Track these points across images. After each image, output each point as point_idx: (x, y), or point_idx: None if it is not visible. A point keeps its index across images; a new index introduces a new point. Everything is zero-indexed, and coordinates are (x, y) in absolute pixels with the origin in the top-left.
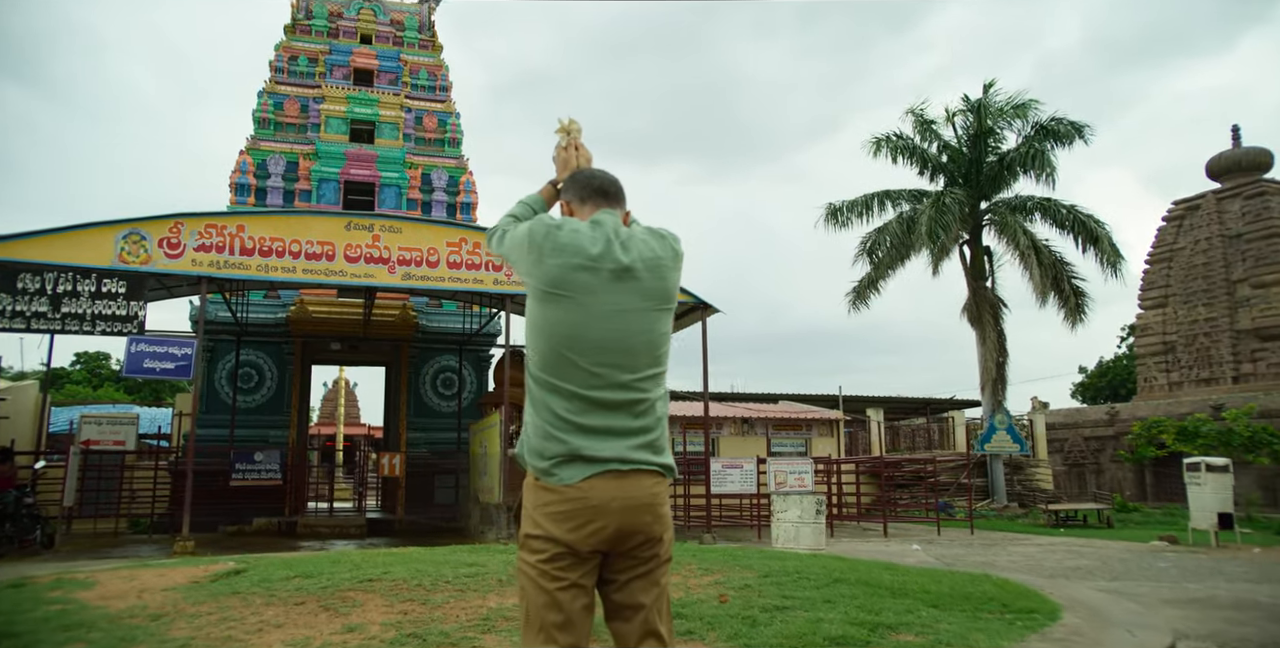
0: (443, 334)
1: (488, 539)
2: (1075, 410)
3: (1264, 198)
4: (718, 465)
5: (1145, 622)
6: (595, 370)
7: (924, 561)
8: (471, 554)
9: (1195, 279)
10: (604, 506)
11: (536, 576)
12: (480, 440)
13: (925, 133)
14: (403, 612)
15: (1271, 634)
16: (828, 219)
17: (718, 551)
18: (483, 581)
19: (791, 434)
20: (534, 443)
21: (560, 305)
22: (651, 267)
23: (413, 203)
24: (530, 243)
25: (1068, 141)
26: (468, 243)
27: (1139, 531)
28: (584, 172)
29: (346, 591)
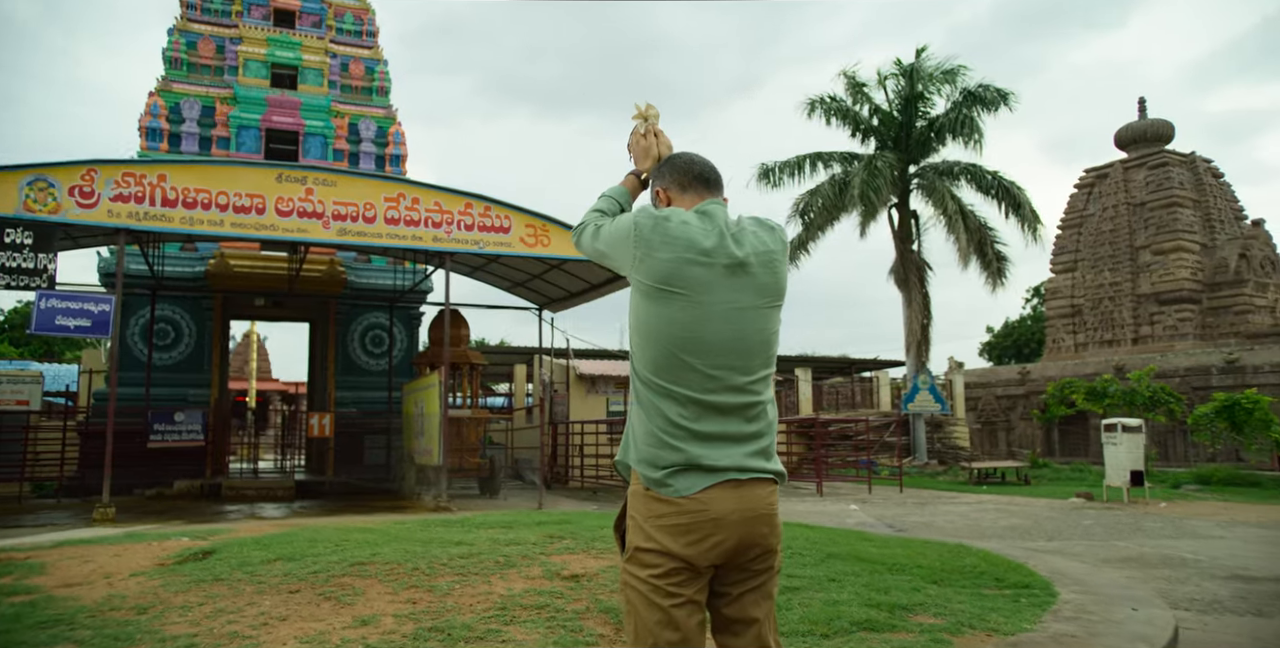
0: (372, 291)
1: (424, 501)
2: (989, 370)
3: (1166, 168)
4: None
5: (1134, 594)
6: (712, 373)
7: (864, 521)
8: (452, 530)
9: (1103, 245)
10: (724, 518)
11: (649, 592)
12: (415, 400)
13: (857, 95)
14: (411, 601)
15: (1212, 593)
16: (760, 179)
17: None
18: (480, 563)
19: None
20: (645, 451)
21: (673, 304)
22: (764, 261)
23: (339, 154)
24: (637, 236)
25: (994, 108)
26: (406, 198)
27: (1054, 487)
28: (682, 157)
29: (340, 576)
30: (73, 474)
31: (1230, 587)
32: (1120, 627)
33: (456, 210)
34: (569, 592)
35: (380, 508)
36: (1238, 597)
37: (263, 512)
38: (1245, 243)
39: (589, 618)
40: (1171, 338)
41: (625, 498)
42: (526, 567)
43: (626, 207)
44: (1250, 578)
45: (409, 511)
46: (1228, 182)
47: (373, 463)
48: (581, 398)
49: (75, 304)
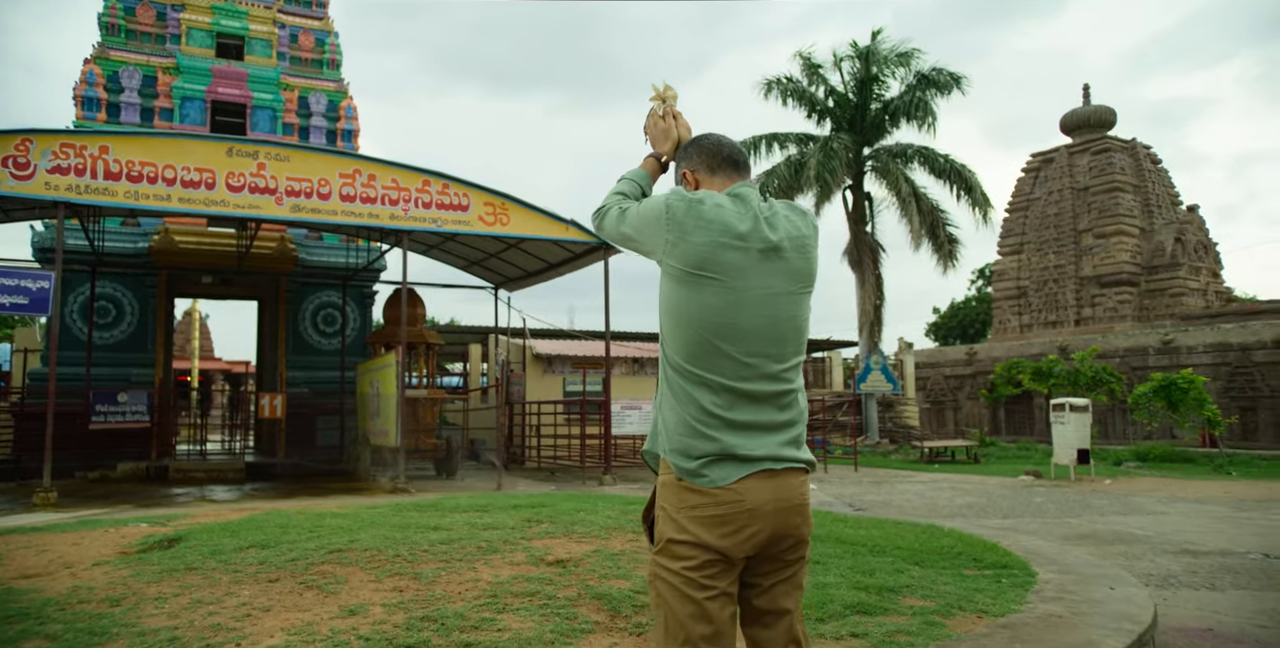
0: (325, 268)
1: (380, 483)
2: (937, 351)
3: (1108, 154)
4: (617, 407)
5: (1107, 573)
6: (747, 361)
7: (825, 500)
8: (426, 514)
9: (1048, 228)
10: (759, 508)
11: (681, 584)
12: (370, 381)
13: (813, 77)
14: (397, 589)
15: (1166, 567)
16: None
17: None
18: (462, 549)
19: None
20: (678, 441)
21: (707, 289)
22: (798, 246)
23: (289, 128)
24: (669, 219)
25: (947, 91)
26: (362, 174)
27: (1003, 465)
28: (710, 138)
29: (319, 564)
30: (7, 457)
31: (1181, 562)
32: (1103, 607)
33: (414, 187)
34: (558, 578)
35: (336, 490)
36: (1189, 571)
37: (214, 495)
38: (1181, 228)
39: (581, 605)
40: (1111, 319)
41: (654, 488)
42: (509, 552)
43: (648, 190)
44: (1197, 553)
45: (366, 493)
46: (1165, 168)
47: (325, 444)
48: (538, 378)
49: (11, 280)
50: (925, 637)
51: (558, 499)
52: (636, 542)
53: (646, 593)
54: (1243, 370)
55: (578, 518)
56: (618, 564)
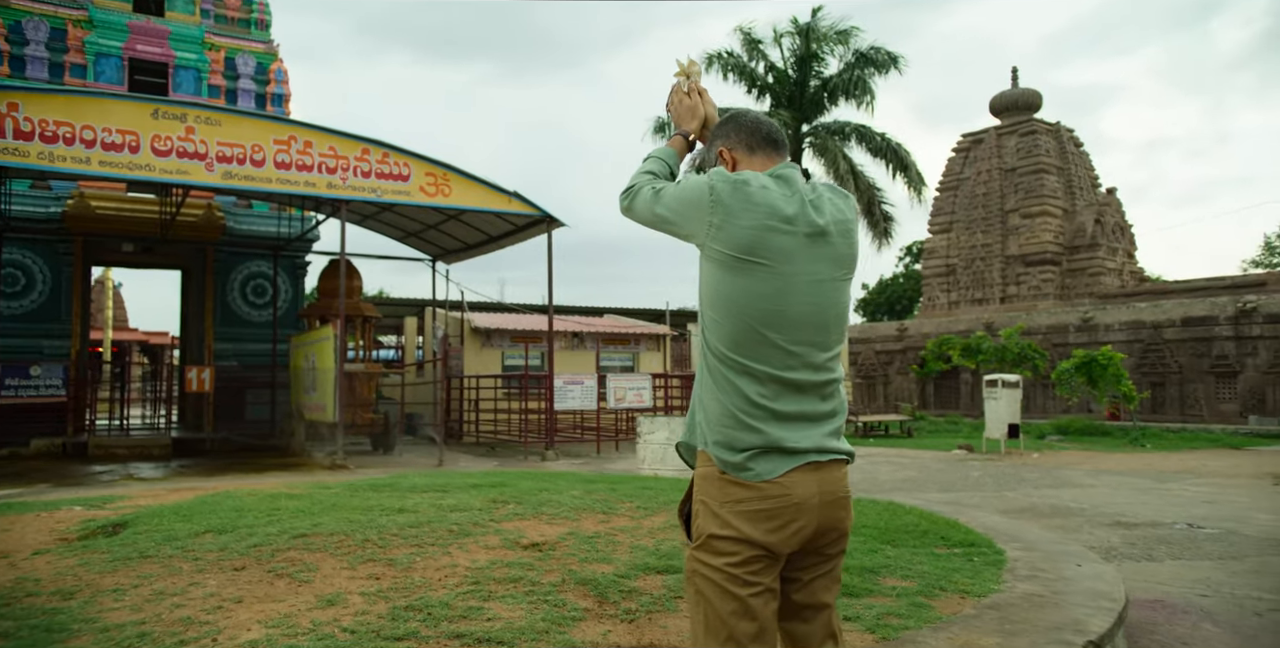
0: (254, 238)
1: (316, 459)
2: (868, 327)
3: (1034, 136)
4: (559, 381)
5: (1069, 549)
6: (793, 350)
7: None
8: (385, 495)
9: (976, 208)
10: (805, 502)
11: (724, 581)
12: (305, 354)
13: (753, 52)
14: (373, 577)
15: (1105, 539)
16: (655, 131)
17: (621, 481)
18: (432, 532)
19: (620, 348)
20: (722, 433)
21: (754, 275)
22: (843, 230)
23: (215, 90)
24: (714, 201)
25: (884, 70)
26: (298, 141)
27: (936, 439)
28: (748, 115)
29: (285, 550)
30: None
31: (1117, 534)
32: (1077, 585)
33: (352, 156)
34: (538, 563)
35: (271, 467)
36: (1127, 543)
37: (140, 472)
38: (1100, 209)
39: (567, 591)
40: (1035, 297)
41: (691, 481)
42: (482, 535)
43: (676, 169)
44: (1130, 524)
45: (302, 469)
46: (1086, 151)
47: (255, 418)
48: (476, 352)
49: None
50: (916, 619)
51: (516, 478)
52: (608, 523)
53: (630, 577)
54: (1154, 348)
55: (544, 499)
56: (595, 547)
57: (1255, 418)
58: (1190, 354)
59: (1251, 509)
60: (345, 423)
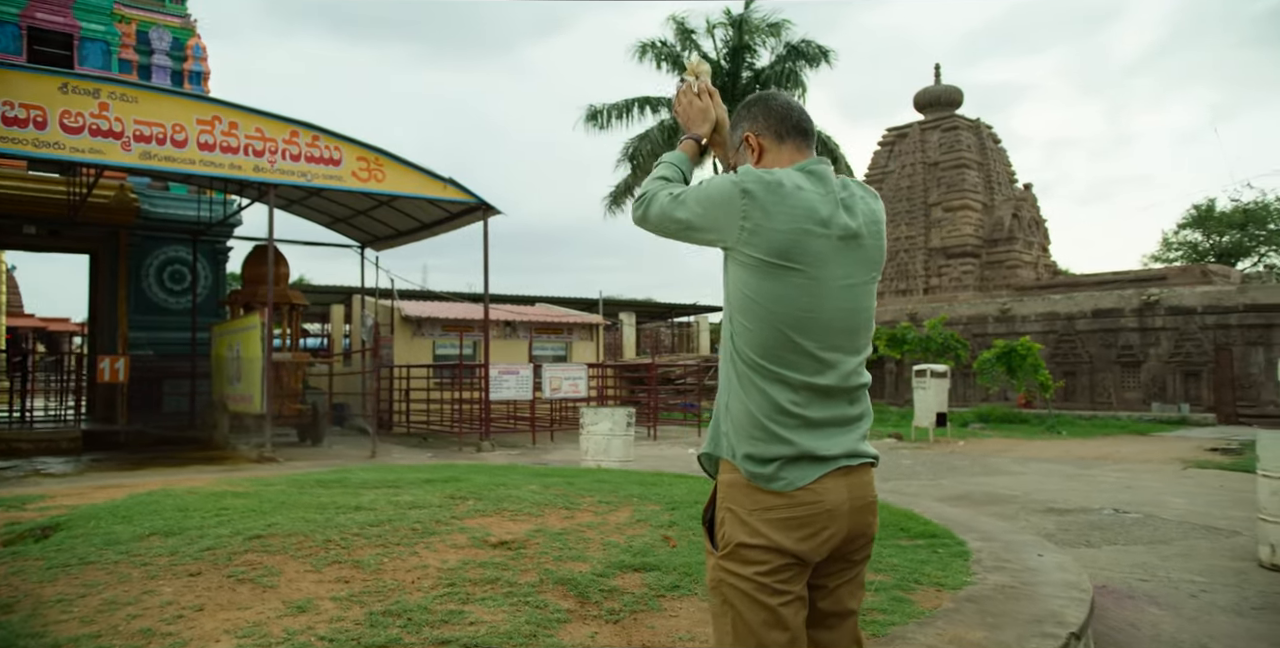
0: (172, 221)
1: (242, 452)
2: None
3: (956, 132)
4: (495, 372)
5: (1025, 539)
6: (825, 356)
7: None
8: (335, 492)
9: (901, 201)
10: (836, 509)
11: (754, 590)
12: (229, 343)
13: (686, 42)
14: (342, 580)
15: (1041, 526)
16: (588, 120)
17: (574, 474)
18: (395, 531)
19: (553, 338)
20: (750, 445)
21: (788, 280)
22: (875, 232)
23: (126, 65)
24: (747, 203)
25: (815, 64)
26: (223, 121)
27: None
28: (778, 99)
29: (242, 553)
30: None
31: (1051, 520)
32: (1045, 575)
33: (281, 138)
34: (511, 562)
35: (194, 460)
36: (1063, 529)
37: (49, 468)
38: (1017, 204)
39: (547, 591)
40: (956, 289)
41: (714, 487)
42: (447, 534)
43: (688, 175)
44: (1061, 510)
45: (227, 462)
46: (1004, 147)
47: (173, 410)
48: (407, 341)
49: None
50: (900, 614)
51: (467, 472)
52: (573, 519)
53: (609, 576)
54: (1067, 338)
55: (503, 495)
56: (567, 545)
57: (1157, 405)
58: (1099, 345)
59: (1165, 494)
60: (272, 414)
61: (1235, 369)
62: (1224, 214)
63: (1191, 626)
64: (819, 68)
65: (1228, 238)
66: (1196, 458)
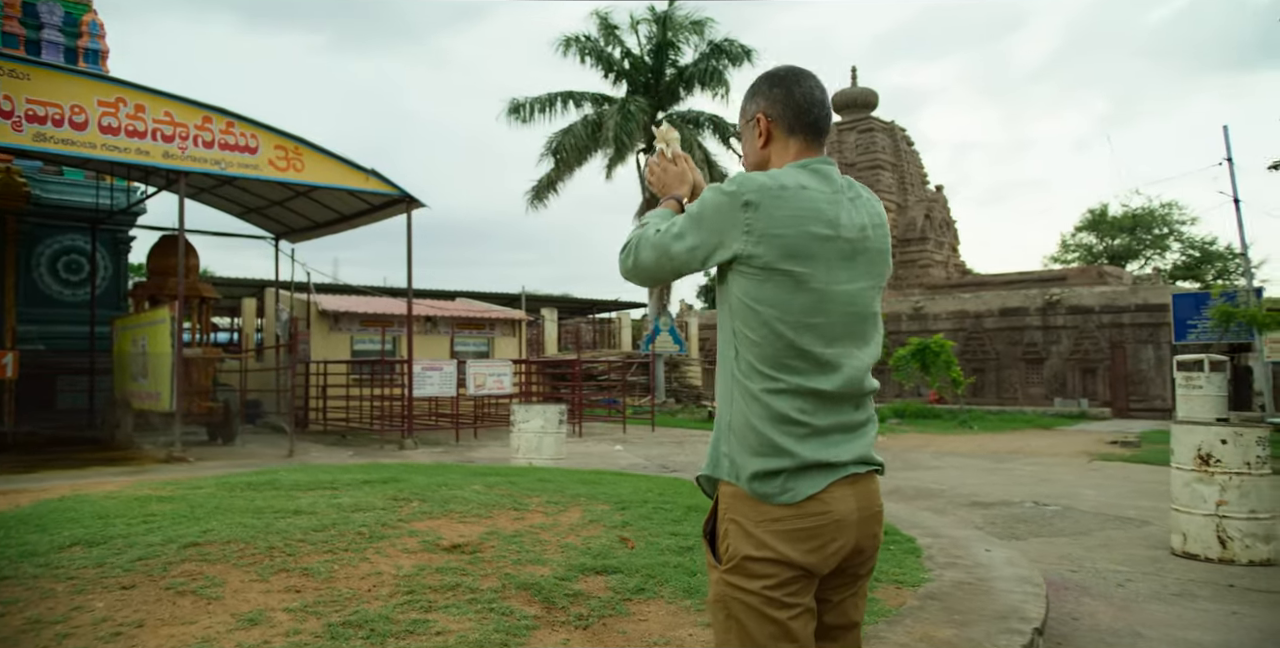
0: (67, 208)
1: (149, 452)
2: (712, 312)
3: (872, 133)
4: (418, 368)
5: (969, 535)
6: (832, 361)
7: (636, 462)
8: (268, 494)
9: None
10: (845, 519)
11: (761, 604)
12: (133, 338)
13: (609, 37)
14: (292, 589)
15: (969, 519)
16: (510, 113)
17: (513, 473)
18: (341, 535)
19: (475, 333)
20: (755, 463)
21: (794, 286)
22: (881, 234)
23: (12, 39)
24: (751, 215)
25: (738, 62)
26: (128, 104)
27: None
28: (800, 85)
29: (178, 563)
30: None
31: (978, 513)
32: (998, 571)
33: (192, 124)
34: (469, 567)
35: (95, 461)
36: (989, 522)
37: None
38: (929, 205)
39: (511, 597)
40: None
41: (715, 498)
42: (396, 538)
43: None
44: (986, 504)
45: (133, 463)
46: (916, 149)
47: (69, 408)
48: (324, 336)
49: None
50: (870, 613)
51: (404, 472)
52: (524, 521)
53: (571, 580)
54: (976, 336)
55: (447, 495)
56: (523, 547)
57: (1059, 400)
58: (1006, 342)
59: (1078, 486)
60: (182, 412)
61: (1128, 366)
62: (1115, 218)
63: (1125, 615)
64: (742, 67)
65: (1119, 241)
66: (1100, 451)
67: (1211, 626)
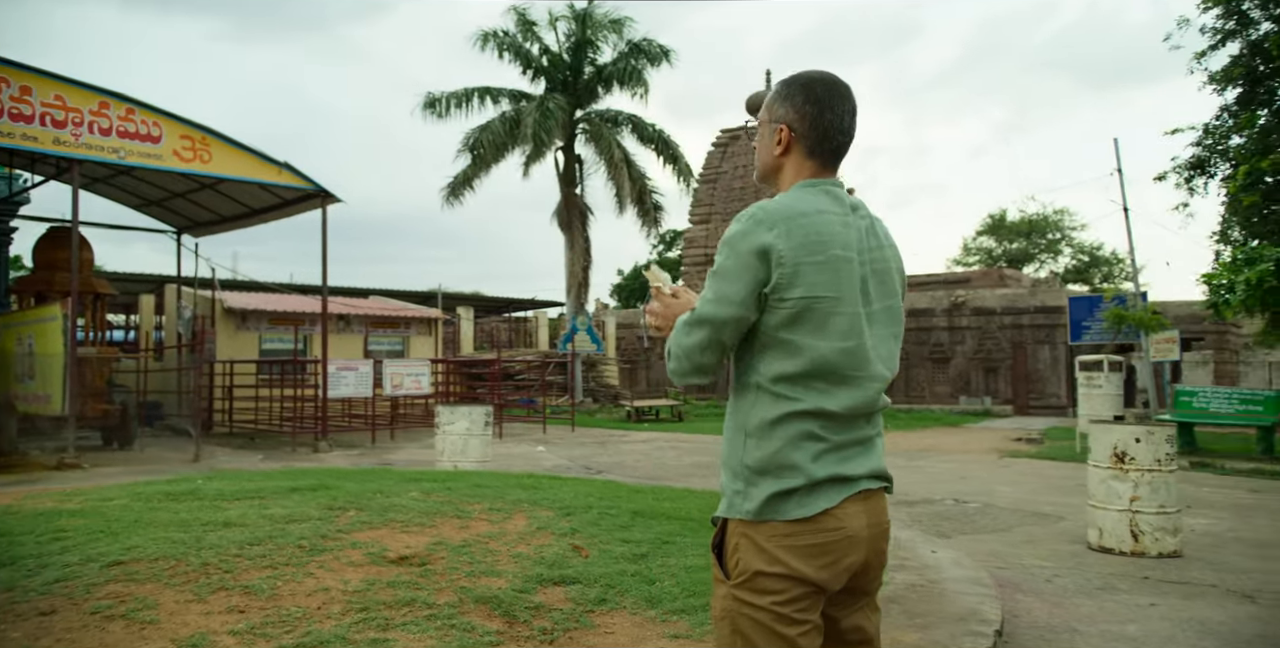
0: None
1: (37, 457)
2: (632, 312)
3: None
4: (333, 367)
5: (914, 536)
6: (859, 382)
7: (560, 463)
8: (190, 505)
9: (734, 201)
10: (857, 535)
11: (771, 621)
12: (17, 336)
13: (528, 34)
14: (235, 610)
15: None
16: (425, 108)
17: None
18: (280, 549)
19: (390, 332)
20: (770, 484)
21: (828, 311)
22: (895, 255)
23: None
24: (778, 256)
25: (657, 63)
26: (11, 85)
27: (705, 423)
28: (834, 113)
29: (103, 584)
30: None
31: (904, 511)
32: (948, 572)
33: (87, 109)
34: (421, 580)
35: None
36: (916, 520)
37: None
38: None
39: (470, 612)
40: None
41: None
42: (339, 550)
43: None
44: (910, 502)
45: (18, 470)
46: None
47: None
48: (231, 334)
49: None
50: None
51: (333, 478)
52: (469, 530)
53: (529, 592)
54: None
55: (385, 504)
56: (474, 558)
57: (964, 398)
58: (914, 342)
59: (994, 483)
60: (75, 415)
61: (1028, 365)
62: (1013, 224)
63: (1059, 611)
64: (660, 67)
65: (1016, 245)
66: (1008, 448)
67: (1136, 618)
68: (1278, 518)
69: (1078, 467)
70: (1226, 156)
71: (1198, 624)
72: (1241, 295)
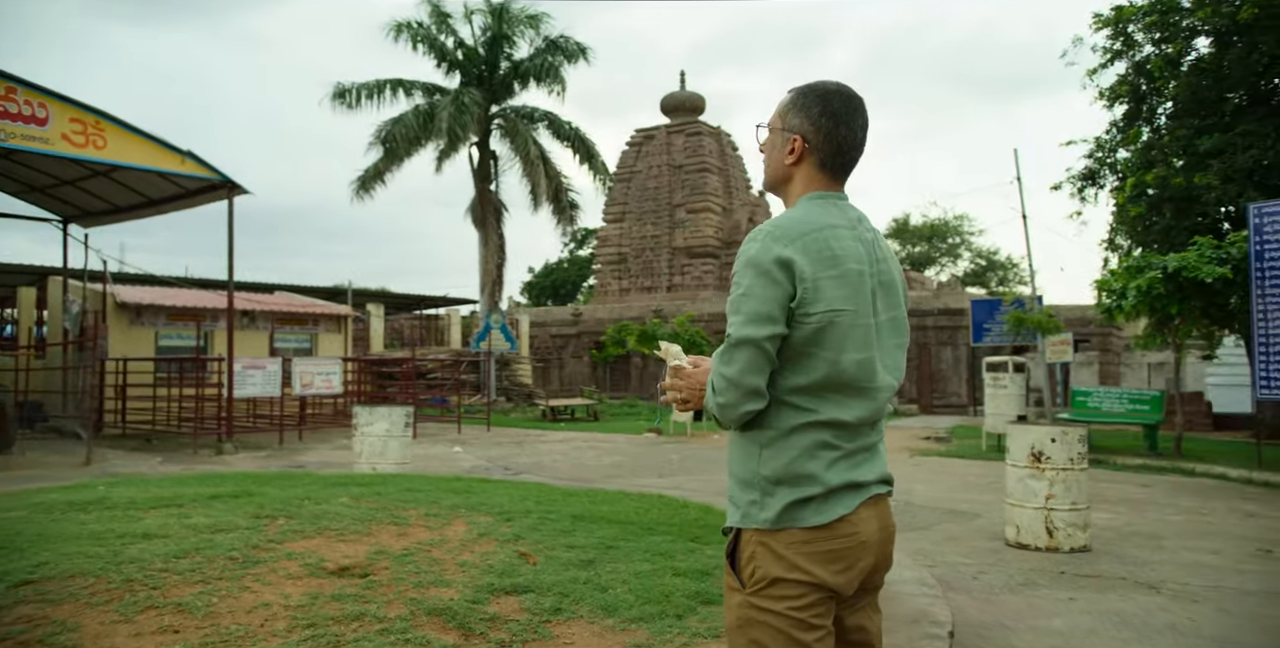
0: None
1: None
2: (545, 310)
3: (700, 136)
4: (239, 366)
5: None
6: (871, 392)
7: (478, 464)
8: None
9: (647, 201)
10: (869, 540)
11: (789, 626)
12: None
13: (442, 26)
14: (169, 630)
15: None
16: (335, 98)
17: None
18: (210, 562)
19: (297, 329)
20: (786, 494)
21: (847, 324)
22: (896, 267)
23: None
24: (799, 272)
25: (574, 60)
26: None
27: (620, 423)
28: (849, 128)
29: (13, 606)
30: None
31: None
32: (896, 574)
33: None
34: (367, 592)
35: None
36: None
37: None
38: (753, 209)
39: (423, 625)
40: (698, 287)
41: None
42: (274, 562)
43: None
44: None
45: None
46: (740, 155)
47: None
48: (124, 330)
49: None
50: None
51: (254, 484)
52: (408, 537)
53: (482, 602)
54: None
55: (316, 511)
56: (420, 568)
57: None
58: None
59: (910, 481)
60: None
61: (932, 365)
62: (916, 228)
63: (989, 608)
64: (577, 64)
65: (919, 248)
66: (919, 447)
67: (1059, 612)
68: (1167, 511)
69: (985, 464)
70: (1115, 169)
71: (1115, 616)
72: (1133, 301)
